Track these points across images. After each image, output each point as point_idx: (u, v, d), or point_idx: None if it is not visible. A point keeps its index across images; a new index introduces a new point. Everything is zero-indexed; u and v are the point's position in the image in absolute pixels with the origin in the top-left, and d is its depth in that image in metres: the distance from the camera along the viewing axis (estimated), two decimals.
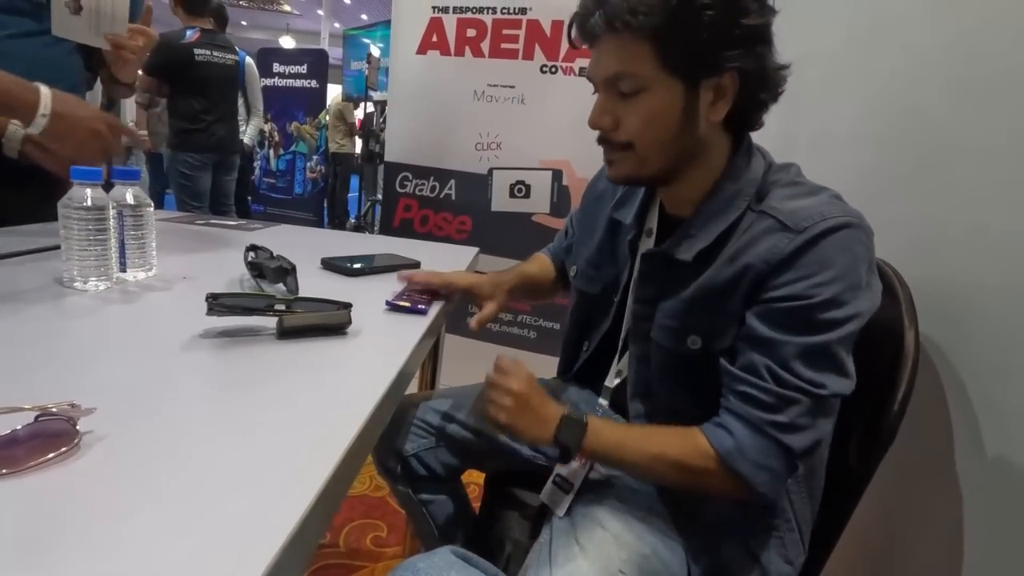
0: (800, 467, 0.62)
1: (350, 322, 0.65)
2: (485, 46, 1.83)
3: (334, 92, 5.80)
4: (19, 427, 0.36)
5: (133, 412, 0.42)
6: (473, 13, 1.81)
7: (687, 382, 0.69)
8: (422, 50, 1.90)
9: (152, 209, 0.76)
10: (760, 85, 0.64)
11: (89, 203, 0.67)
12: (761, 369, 0.59)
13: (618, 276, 0.79)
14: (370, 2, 12.21)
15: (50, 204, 0.70)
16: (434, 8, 1.86)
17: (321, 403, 0.49)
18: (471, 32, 1.83)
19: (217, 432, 0.42)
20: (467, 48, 1.85)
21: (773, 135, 0.75)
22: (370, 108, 5.55)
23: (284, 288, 0.74)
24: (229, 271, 0.85)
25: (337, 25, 13.50)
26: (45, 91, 0.81)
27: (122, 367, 0.51)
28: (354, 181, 5.77)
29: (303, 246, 1.06)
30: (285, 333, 0.61)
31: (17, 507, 0.31)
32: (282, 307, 0.61)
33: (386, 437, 0.94)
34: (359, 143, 5.73)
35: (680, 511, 0.69)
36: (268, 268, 0.74)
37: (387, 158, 2.07)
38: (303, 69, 5.01)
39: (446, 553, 0.50)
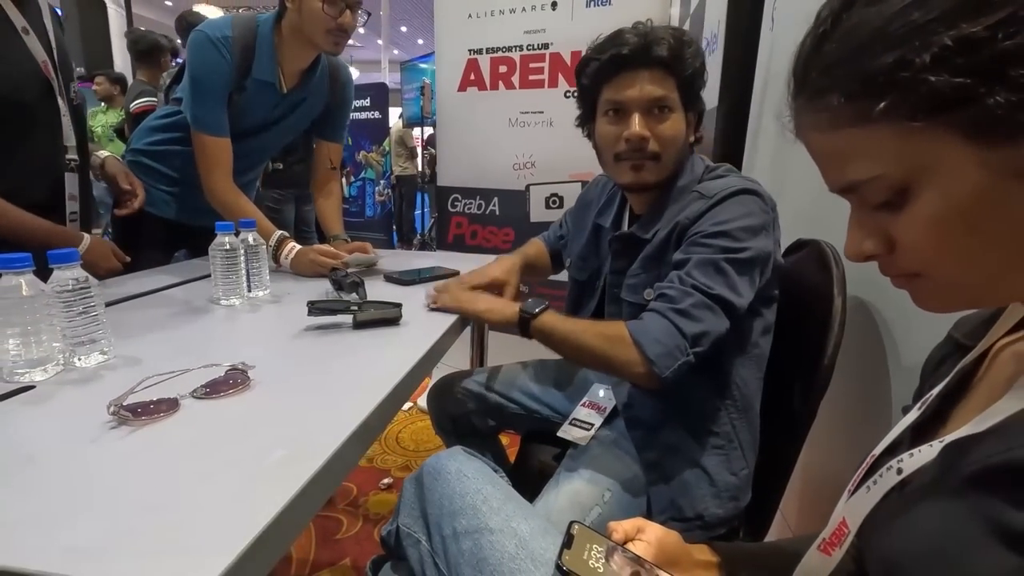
0: (690, 354, 0.77)
1: (401, 316, 0.93)
2: (515, 79, 2.09)
3: (396, 115, 6.28)
4: (220, 374, 0.66)
5: (273, 369, 0.72)
6: (503, 52, 2.09)
7: None
8: (462, 87, 2.20)
9: (265, 246, 1.09)
10: (700, 120, 0.93)
11: (228, 246, 0.99)
12: (673, 277, 0.81)
13: (600, 266, 1.03)
14: (424, 29, 12.87)
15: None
16: (470, 51, 2.15)
17: (381, 365, 0.77)
18: (503, 68, 2.10)
19: (318, 382, 0.71)
20: (500, 82, 2.12)
21: None
22: (429, 131, 5.98)
23: (356, 296, 1.03)
24: (317, 286, 1.16)
25: (396, 52, 14.31)
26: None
27: (263, 345, 0.82)
28: (419, 199, 6.22)
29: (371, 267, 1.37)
30: (358, 326, 0.90)
31: (224, 414, 0.61)
32: (355, 308, 0.90)
33: (441, 403, 1.23)
34: (419, 164, 6.17)
35: (644, 446, 0.90)
36: (345, 283, 1.04)
37: (439, 183, 2.38)
38: (367, 102, 5.47)
39: (457, 449, 0.75)
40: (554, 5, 1.95)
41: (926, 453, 0.39)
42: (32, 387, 0.65)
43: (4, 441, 0.54)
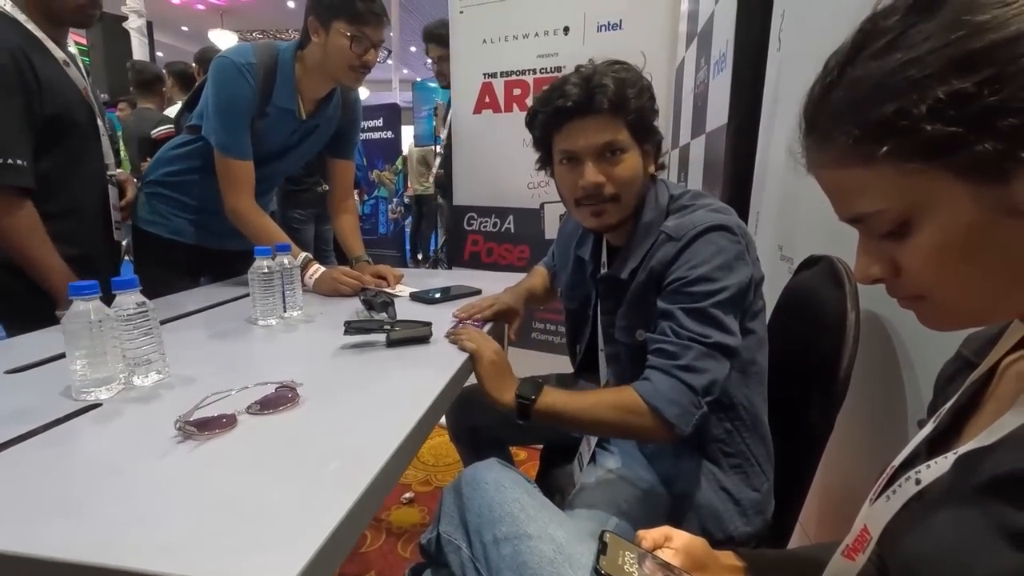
0: (704, 405, 0.79)
1: (431, 334, 0.98)
2: (529, 101, 2.16)
3: (408, 135, 6.41)
4: (271, 391, 0.71)
5: (318, 386, 0.76)
6: (517, 76, 2.16)
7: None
8: (477, 110, 2.27)
9: (299, 268, 1.14)
10: (660, 149, 0.95)
11: (266, 269, 1.05)
12: (666, 330, 0.82)
13: (588, 295, 1.07)
14: None
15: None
16: (484, 75, 2.22)
17: (417, 381, 0.81)
18: (516, 91, 2.17)
19: (361, 398, 0.75)
20: (514, 104, 2.19)
21: None
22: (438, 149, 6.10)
23: (387, 315, 1.08)
24: (348, 305, 1.22)
25: (406, 71, 14.56)
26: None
27: (305, 364, 0.87)
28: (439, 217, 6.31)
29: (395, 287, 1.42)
30: (391, 344, 0.94)
31: (279, 428, 0.65)
32: (388, 327, 0.95)
33: (459, 414, 1.27)
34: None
35: (665, 472, 0.93)
36: (376, 302, 1.09)
37: (455, 202, 2.44)
38: (379, 122, 5.59)
39: (494, 460, 0.79)
40: (566, 30, 2.02)
41: (941, 465, 0.42)
42: (99, 405, 0.70)
43: (85, 453, 0.60)
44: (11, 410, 0.68)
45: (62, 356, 0.80)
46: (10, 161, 1.07)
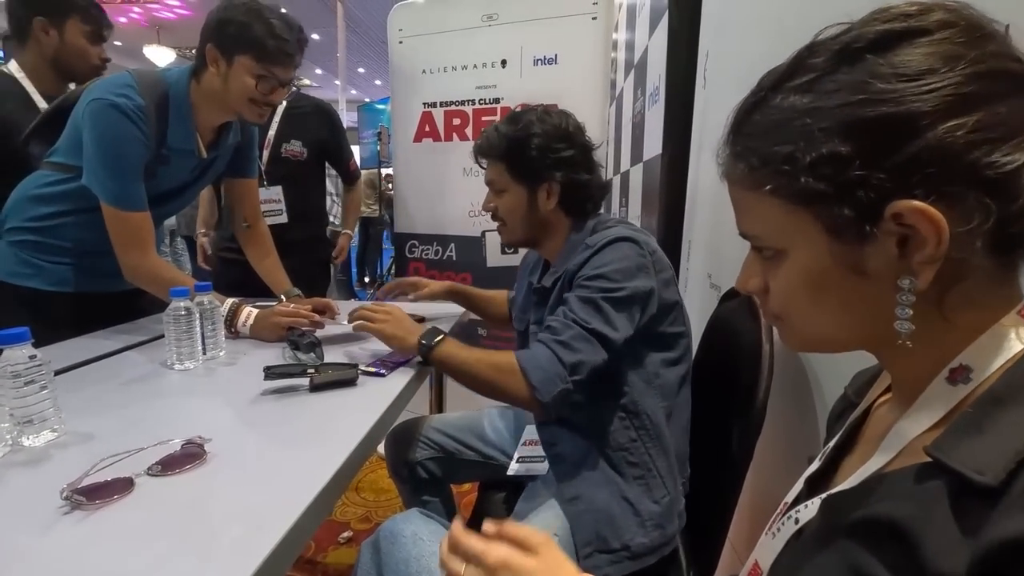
0: (570, 382, 0.88)
1: (358, 377, 0.95)
2: (469, 131, 2.18)
3: (356, 154, 6.34)
4: (176, 449, 0.67)
5: (230, 439, 0.73)
6: (456, 106, 2.18)
7: None
8: (418, 138, 2.27)
9: (219, 307, 1.09)
10: (578, 189, 1.04)
11: (184, 311, 1.00)
12: (559, 312, 0.93)
13: (531, 317, 1.10)
14: (382, 70, 13.07)
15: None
16: (424, 104, 2.23)
17: (340, 427, 0.79)
18: (456, 121, 2.19)
19: (275, 447, 0.72)
20: (454, 134, 2.20)
21: None
22: (388, 171, 6.05)
23: (314, 356, 1.04)
24: (273, 346, 1.17)
25: (354, 92, 14.45)
26: None
27: (220, 414, 0.83)
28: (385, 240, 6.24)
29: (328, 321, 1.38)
30: (315, 388, 0.91)
31: (180, 491, 0.62)
32: (312, 371, 0.92)
33: (398, 448, 1.25)
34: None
35: (566, 480, 0.97)
36: (302, 343, 1.06)
37: (396, 229, 2.42)
38: None
39: (414, 511, 0.77)
40: (504, 63, 2.06)
41: (815, 505, 0.44)
42: None
43: None
44: None
45: None
46: None
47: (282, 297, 1.44)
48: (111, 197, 1.15)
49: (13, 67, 1.50)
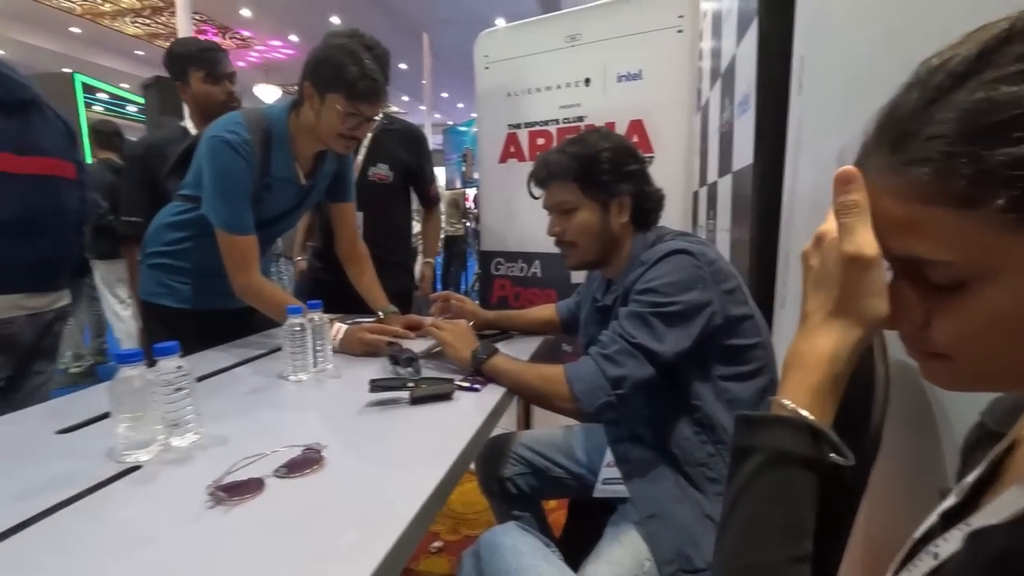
0: (614, 396, 0.90)
1: (454, 391, 0.99)
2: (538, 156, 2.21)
3: (441, 176, 6.63)
4: (298, 453, 0.73)
5: (342, 447, 0.79)
6: (540, 126, 2.22)
7: None
8: (503, 159, 2.34)
9: (328, 325, 1.18)
10: (647, 201, 1.08)
11: (298, 326, 1.09)
12: (610, 328, 0.96)
13: (596, 334, 1.10)
14: (464, 93, 13.56)
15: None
16: (509, 125, 2.30)
17: (440, 439, 0.83)
18: (540, 141, 2.23)
19: (383, 456, 0.77)
20: (538, 153, 2.24)
21: None
22: (474, 191, 6.27)
23: (412, 371, 1.10)
24: (374, 360, 1.25)
25: (438, 115, 15.10)
26: None
27: (332, 423, 0.90)
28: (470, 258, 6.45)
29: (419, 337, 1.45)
30: (415, 401, 0.96)
31: (303, 492, 0.68)
32: (411, 385, 0.97)
33: (489, 464, 1.28)
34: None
35: (643, 498, 0.96)
36: (401, 359, 1.12)
37: (482, 247, 2.49)
38: None
39: (512, 524, 0.79)
40: (587, 82, 2.09)
41: (955, 538, 0.41)
42: (139, 467, 0.74)
43: (121, 519, 0.63)
44: (58, 473, 0.72)
45: (107, 415, 0.85)
46: None
47: (380, 313, 1.54)
48: (221, 222, 1.29)
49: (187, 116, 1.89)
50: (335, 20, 8.78)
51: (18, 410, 1.50)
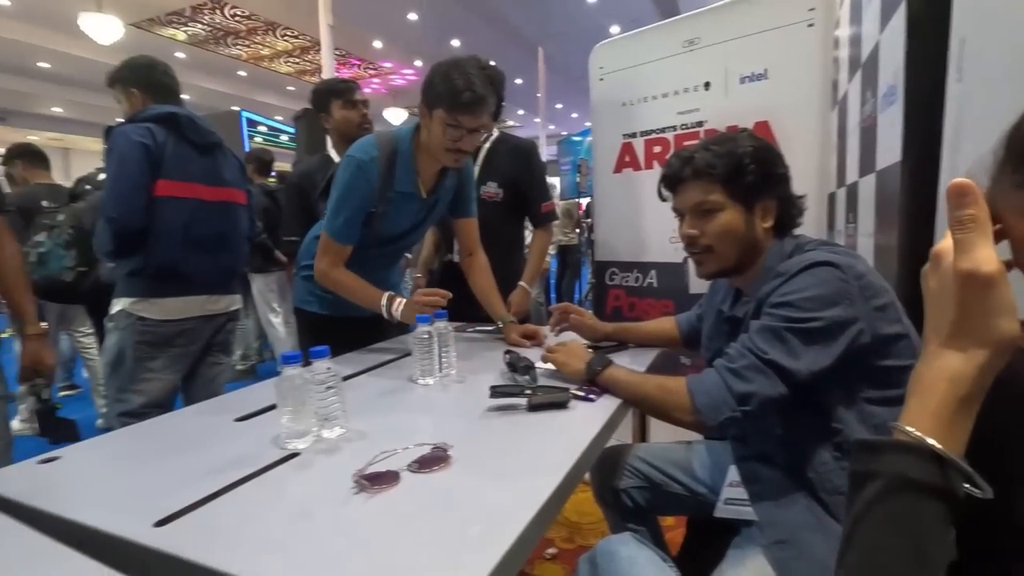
0: (739, 411, 0.87)
1: (570, 400, 1.02)
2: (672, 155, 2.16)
3: (555, 186, 6.73)
4: (427, 451, 0.80)
5: (467, 447, 0.85)
6: (657, 134, 2.19)
7: None
8: (618, 169, 2.33)
9: (452, 334, 1.27)
10: (790, 207, 1.03)
11: (426, 335, 1.19)
12: (739, 340, 0.92)
13: (721, 348, 1.04)
14: (577, 104, 13.61)
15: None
16: (624, 135, 2.29)
17: (553, 448, 0.85)
18: (657, 148, 2.20)
19: (504, 458, 0.82)
20: (655, 161, 2.21)
21: None
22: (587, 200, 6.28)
23: (529, 379, 1.15)
24: (495, 366, 1.31)
25: (552, 127, 15.31)
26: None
27: (456, 424, 0.97)
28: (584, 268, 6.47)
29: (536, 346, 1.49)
30: (532, 408, 1.00)
31: (433, 486, 0.74)
32: (529, 392, 1.01)
33: (604, 475, 1.28)
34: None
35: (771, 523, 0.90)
36: (519, 366, 1.17)
37: (596, 257, 2.50)
38: None
39: (628, 535, 0.79)
40: (707, 85, 2.02)
41: None
42: (297, 454, 0.86)
43: (287, 497, 0.73)
44: (236, 455, 0.86)
45: (274, 407, 0.99)
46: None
47: (499, 323, 1.61)
48: (329, 229, 1.45)
49: (330, 146, 2.17)
50: (455, 43, 9.28)
51: (198, 392, 1.84)
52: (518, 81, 11.69)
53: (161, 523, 0.66)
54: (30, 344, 1.50)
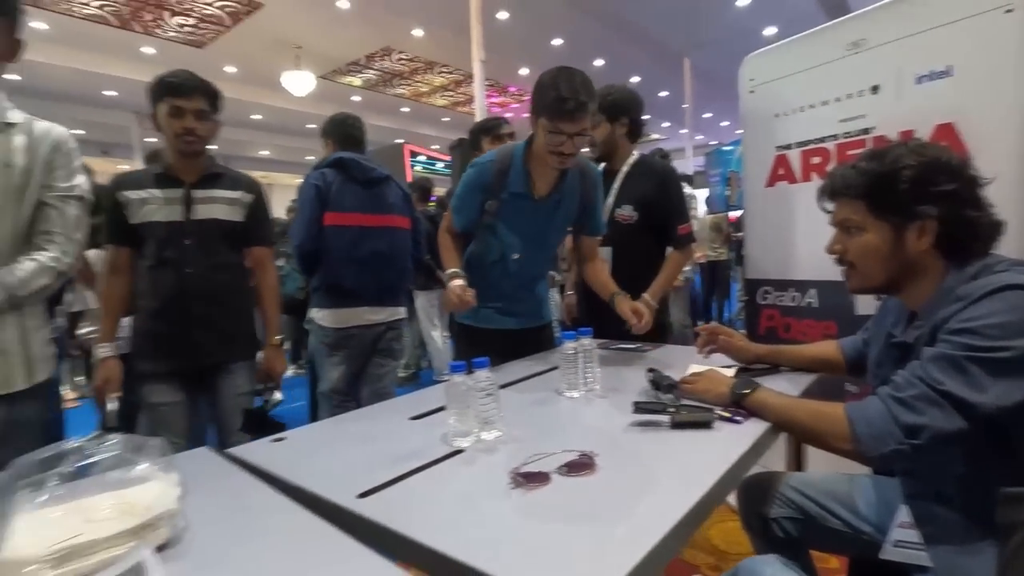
0: (907, 445, 0.81)
1: (714, 420, 1.03)
2: (831, 167, 2.01)
3: (701, 197, 6.47)
4: (575, 456, 0.88)
5: (611, 457, 0.91)
6: (815, 144, 2.05)
7: None
8: (771, 183, 2.22)
9: (596, 351, 1.34)
10: (962, 228, 0.92)
11: (572, 350, 1.27)
12: (908, 366, 0.87)
13: (888, 375, 0.96)
14: (727, 112, 12.91)
15: None
16: (778, 147, 2.18)
17: (695, 466, 0.88)
18: (815, 160, 2.06)
19: (646, 470, 0.87)
20: (813, 173, 2.07)
21: None
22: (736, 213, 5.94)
23: (672, 397, 1.17)
24: (636, 384, 1.35)
25: (700, 137, 14.68)
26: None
27: (601, 435, 1.03)
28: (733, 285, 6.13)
29: (678, 366, 1.49)
30: (675, 426, 1.03)
31: (582, 488, 0.81)
32: (672, 410, 1.04)
33: (752, 501, 1.25)
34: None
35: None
36: (662, 385, 1.20)
37: (748, 275, 2.39)
38: None
39: (774, 556, 0.78)
40: (875, 89, 1.85)
41: None
42: (462, 451, 0.99)
43: (454, 487, 0.86)
44: (413, 448, 1.01)
45: (442, 408, 1.15)
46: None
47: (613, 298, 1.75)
48: (452, 204, 1.77)
49: None
50: (598, 63, 9.41)
51: (368, 388, 2.20)
52: (663, 94, 11.44)
53: (362, 495, 0.82)
54: (269, 351, 1.90)
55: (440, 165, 8.83)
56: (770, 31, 8.03)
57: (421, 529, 0.71)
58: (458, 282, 1.60)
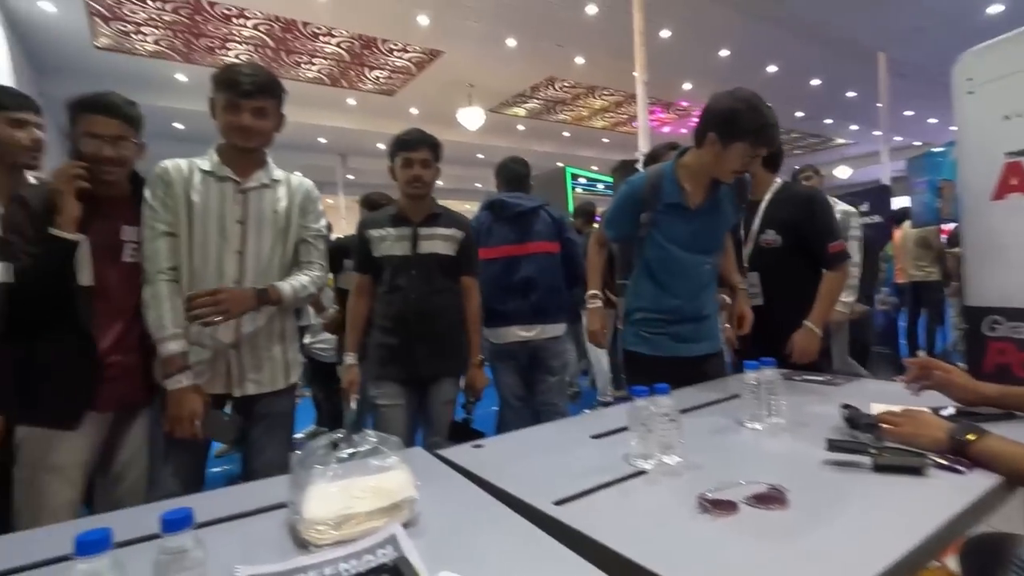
0: None
1: (929, 466, 0.94)
2: None
3: (899, 202, 5.67)
4: (763, 489, 0.88)
5: (802, 495, 0.89)
6: None
7: None
8: (999, 195, 1.91)
9: (780, 380, 1.29)
10: None
11: (753, 381, 1.25)
12: None
13: None
14: (935, 107, 11.04)
15: None
16: (1007, 154, 1.87)
17: (901, 516, 0.82)
18: None
19: (843, 513, 0.84)
20: None
21: None
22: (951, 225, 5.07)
23: (872, 437, 1.09)
24: (828, 420, 1.27)
25: (898, 138, 12.78)
26: None
27: (790, 470, 1.01)
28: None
29: (880, 400, 1.36)
30: (879, 468, 0.96)
31: (771, 522, 0.81)
32: (874, 451, 0.98)
33: (979, 564, 1.11)
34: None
35: None
36: (860, 423, 1.12)
37: (968, 302, 2.06)
38: (865, 207, 5.13)
39: None
40: None
41: None
42: (644, 472, 1.04)
43: (639, 506, 0.92)
44: (597, 464, 1.08)
45: (624, 429, 1.20)
46: None
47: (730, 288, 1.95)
48: (604, 218, 1.98)
49: None
50: (771, 69, 8.78)
51: (533, 400, 2.46)
52: (850, 94, 10.24)
53: (559, 503, 0.91)
54: (472, 370, 2.20)
55: (601, 186, 8.92)
56: (994, 9, 6.78)
57: (617, 539, 0.78)
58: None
